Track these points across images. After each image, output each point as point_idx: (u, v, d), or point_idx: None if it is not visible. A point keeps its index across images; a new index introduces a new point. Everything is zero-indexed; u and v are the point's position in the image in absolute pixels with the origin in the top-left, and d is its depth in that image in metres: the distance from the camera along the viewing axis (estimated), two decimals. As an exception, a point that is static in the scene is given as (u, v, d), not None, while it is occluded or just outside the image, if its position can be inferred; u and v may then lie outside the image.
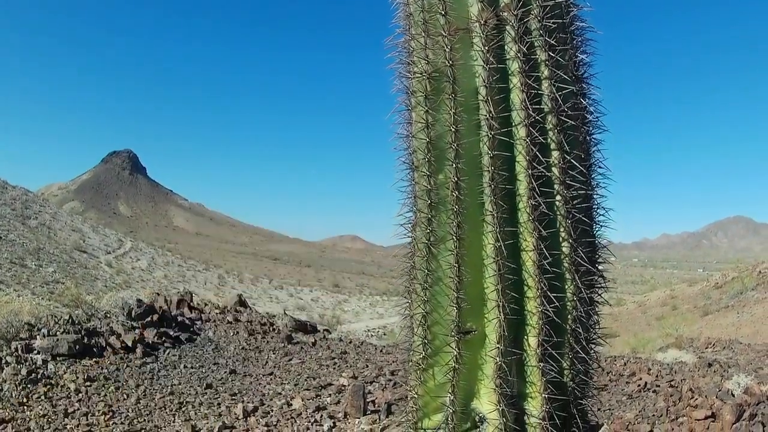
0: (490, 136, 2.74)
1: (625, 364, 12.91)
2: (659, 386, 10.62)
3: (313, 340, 13.92)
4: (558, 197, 2.79)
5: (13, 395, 8.46)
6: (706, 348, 19.15)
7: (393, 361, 11.85)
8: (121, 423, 8.20)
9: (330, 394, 9.58)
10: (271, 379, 10.57)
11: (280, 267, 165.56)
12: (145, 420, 8.39)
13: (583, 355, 2.95)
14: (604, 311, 3.21)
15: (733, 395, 8.42)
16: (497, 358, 2.82)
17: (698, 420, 8.02)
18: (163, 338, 11.84)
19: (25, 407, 8.23)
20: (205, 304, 15.89)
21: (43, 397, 8.59)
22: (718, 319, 35.87)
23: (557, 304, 2.80)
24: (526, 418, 2.95)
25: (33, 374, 9.02)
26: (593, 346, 3.09)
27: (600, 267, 3.06)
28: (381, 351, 13.48)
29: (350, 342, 14.64)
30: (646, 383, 10.76)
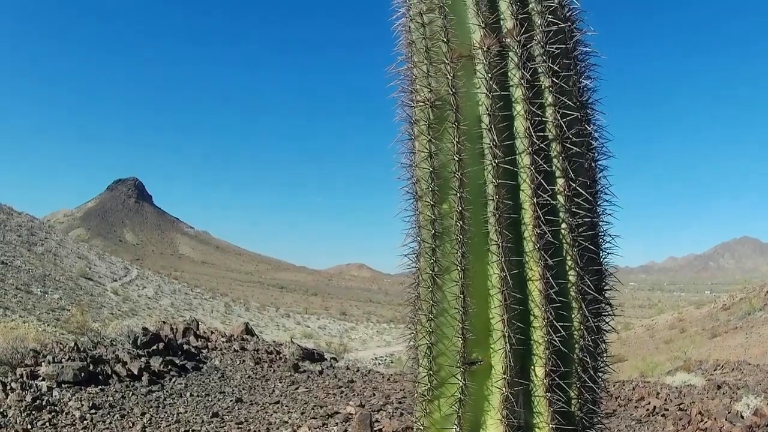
0: (494, 164, 2.73)
1: (633, 388, 12.85)
2: (668, 410, 10.56)
3: (320, 369, 13.88)
4: (564, 225, 2.77)
5: (18, 422, 8.43)
6: (715, 370, 19.08)
7: (400, 390, 11.80)
8: (127, 451, 8.17)
9: (337, 423, 9.53)
10: (277, 408, 10.52)
11: (286, 295, 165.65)
12: (150, 449, 8.36)
13: (591, 384, 2.92)
14: (612, 336, 3.18)
15: (743, 417, 8.37)
16: (504, 389, 2.79)
17: (707, 443, 7.97)
18: (169, 366, 11.81)
19: (30, 434, 8.20)
20: (212, 333, 15.87)
21: (47, 424, 8.56)
22: (726, 340, 35.78)
23: (564, 333, 2.77)
24: (533, 449, 2.91)
25: (38, 401, 8.99)
26: (601, 374, 3.05)
27: (607, 295, 3.03)
28: (388, 379, 13.42)
29: (357, 370, 14.60)
30: (654, 407, 10.70)
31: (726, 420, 8.23)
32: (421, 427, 3.01)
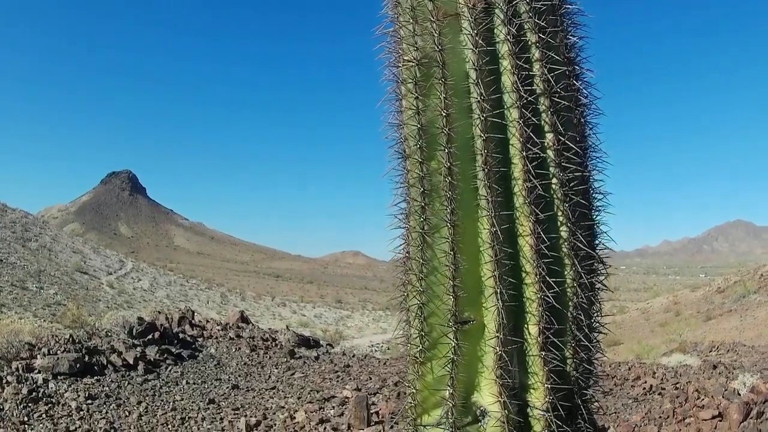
0: (483, 118, 2.69)
1: (629, 368, 12.86)
2: (664, 389, 10.56)
3: (315, 354, 13.88)
4: (554, 180, 2.73)
5: (15, 414, 8.40)
6: (710, 351, 19.13)
7: (396, 373, 11.79)
8: (123, 439, 8.15)
9: (333, 407, 9.52)
10: (273, 393, 10.51)
11: (282, 284, 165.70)
12: (146, 436, 8.33)
13: (586, 342, 2.88)
14: (607, 319, 3.14)
15: (740, 394, 8.37)
16: (497, 348, 2.75)
17: (705, 420, 7.96)
18: (165, 355, 11.78)
19: (27, 426, 8.17)
20: (207, 321, 15.86)
21: (44, 416, 8.53)
22: (721, 323, 35.88)
23: (557, 289, 2.73)
24: (529, 410, 2.87)
25: (34, 393, 8.97)
26: (596, 333, 3.02)
27: (600, 252, 2.99)
28: (384, 364, 13.42)
29: (353, 356, 14.60)
30: (651, 386, 10.70)
31: (723, 397, 8.23)
32: (414, 391, 2.97)
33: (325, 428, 8.62)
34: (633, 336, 37.86)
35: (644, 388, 10.69)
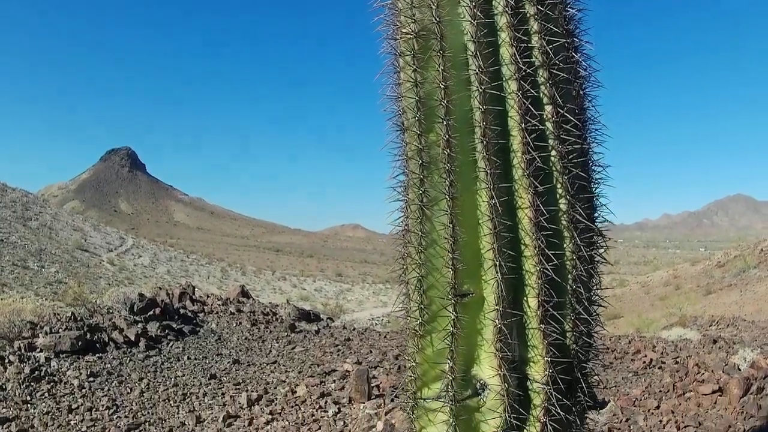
0: (481, 90, 2.67)
1: (629, 342, 12.90)
2: (665, 363, 10.59)
3: (316, 329, 13.91)
4: (553, 152, 2.72)
5: (17, 393, 8.43)
6: (710, 326, 19.15)
7: (397, 347, 11.82)
8: (125, 417, 8.18)
9: (334, 380, 9.55)
10: (274, 368, 10.54)
11: (282, 258, 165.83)
12: (149, 413, 8.36)
13: (585, 315, 2.88)
14: (607, 292, 3.13)
15: (740, 369, 8.38)
16: (496, 321, 2.74)
17: (705, 395, 7.98)
18: (166, 331, 11.82)
19: (29, 405, 8.20)
20: (208, 297, 15.88)
21: (46, 395, 8.56)
22: (721, 297, 35.96)
23: (556, 262, 2.73)
24: (528, 383, 2.88)
25: (36, 372, 8.99)
26: (595, 306, 3.01)
27: (599, 225, 2.98)
28: (385, 337, 13.46)
29: (354, 329, 14.64)
30: (651, 360, 10.73)
31: (723, 372, 8.24)
32: (414, 364, 2.97)
33: (326, 402, 8.64)
34: (633, 309, 37.96)
35: (644, 362, 10.72)
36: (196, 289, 16.16)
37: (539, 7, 2.73)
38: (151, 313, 12.46)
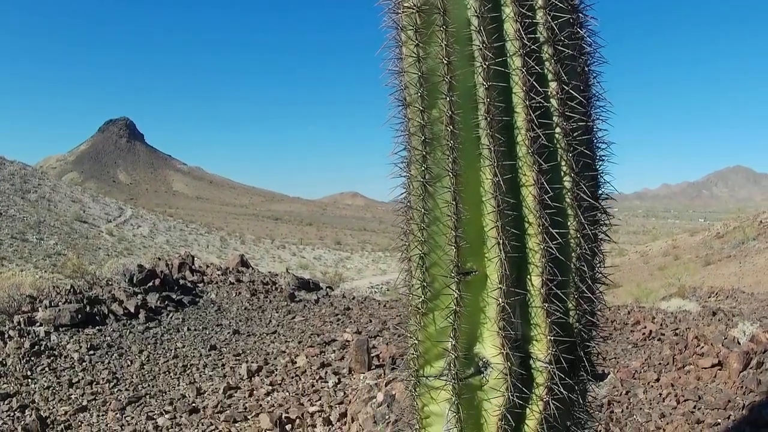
0: (485, 66, 2.62)
1: (629, 312, 12.92)
2: (664, 335, 10.61)
3: (315, 298, 13.93)
4: (558, 129, 2.68)
5: (17, 369, 8.46)
6: (710, 297, 19.17)
7: (397, 316, 11.85)
8: (126, 389, 8.22)
9: (334, 350, 9.58)
10: (274, 338, 10.57)
11: (281, 226, 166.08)
12: (149, 385, 8.39)
13: (589, 294, 2.86)
14: (606, 261, 3.11)
15: (739, 343, 8.39)
16: (500, 299, 2.72)
17: (705, 368, 8.00)
18: (166, 302, 11.84)
19: (30, 380, 8.24)
20: (207, 266, 15.89)
21: (47, 369, 8.59)
22: (720, 268, 36.06)
23: (560, 240, 2.70)
24: (531, 362, 2.86)
25: (36, 346, 9.02)
26: (599, 285, 2.99)
27: (603, 203, 2.96)
28: (384, 306, 13.48)
29: (353, 298, 14.65)
30: (651, 332, 10.75)
31: (723, 345, 8.25)
32: (416, 342, 2.95)
33: (326, 372, 8.67)
34: (632, 279, 38.04)
35: (644, 334, 10.74)
36: (195, 259, 16.18)
37: (544, -19, 2.68)
38: (151, 284, 12.47)
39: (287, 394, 8.06)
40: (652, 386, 7.80)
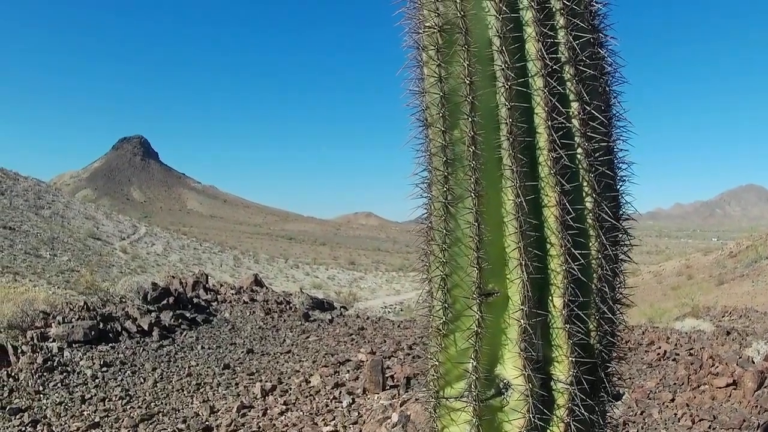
0: (507, 86, 2.62)
1: (643, 333, 12.86)
2: (678, 354, 10.56)
3: (330, 317, 13.91)
4: (579, 149, 2.68)
5: (30, 384, 8.45)
6: (723, 316, 19.10)
7: (411, 336, 11.83)
8: (138, 407, 8.18)
9: (348, 371, 9.54)
10: (288, 357, 10.54)
11: (295, 246, 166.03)
12: (162, 403, 8.37)
13: (610, 315, 2.85)
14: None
15: (754, 362, 8.35)
16: (521, 321, 2.71)
17: (720, 388, 7.95)
18: (180, 320, 11.84)
19: (42, 395, 8.22)
20: (221, 285, 15.90)
21: (59, 385, 8.57)
22: (733, 287, 35.91)
23: (582, 261, 2.69)
24: (552, 383, 2.85)
25: (49, 362, 9.01)
26: (619, 306, 2.98)
27: (624, 223, 2.95)
28: (398, 326, 13.46)
29: (367, 318, 14.65)
30: (665, 352, 10.70)
31: (737, 365, 8.21)
32: (437, 363, 2.94)
33: (340, 392, 8.64)
34: (645, 299, 37.89)
35: (658, 354, 10.69)
36: (209, 278, 16.20)
37: (565, 1, 2.68)
38: (165, 302, 12.48)
39: (301, 413, 8.03)
40: (667, 406, 7.75)
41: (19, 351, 9.25)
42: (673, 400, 7.96)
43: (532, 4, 2.68)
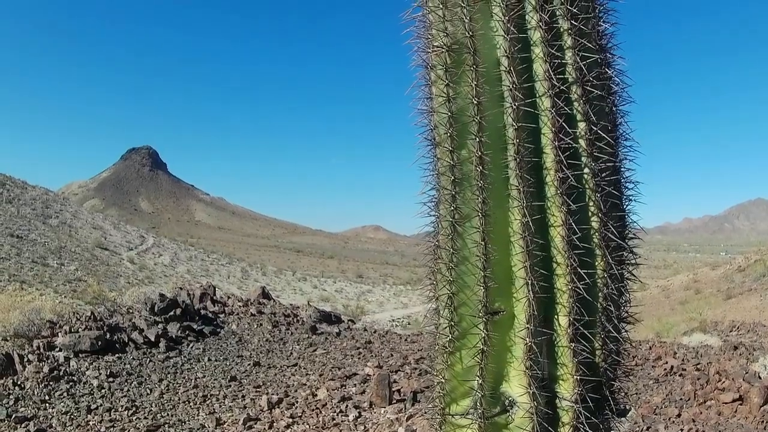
0: (515, 107, 2.65)
1: (650, 348, 12.82)
2: (685, 370, 10.52)
3: (337, 331, 13.90)
4: (586, 170, 2.70)
5: (36, 393, 8.46)
6: (731, 331, 19.02)
7: (418, 350, 11.82)
8: (145, 418, 8.19)
9: (355, 384, 9.54)
10: (295, 370, 10.54)
11: (303, 259, 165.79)
12: (168, 414, 8.37)
13: (615, 334, 2.86)
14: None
15: (760, 377, 8.34)
16: (527, 339, 2.73)
17: (726, 403, 7.95)
18: (187, 332, 11.84)
19: (48, 404, 8.23)
20: (228, 297, 15.90)
21: (65, 394, 8.58)
22: (741, 302, 35.70)
23: (588, 281, 2.71)
24: (557, 401, 2.86)
25: (55, 371, 9.02)
26: (624, 325, 3.00)
27: (630, 243, 2.96)
28: (405, 340, 13.44)
29: (375, 332, 14.63)
30: (672, 367, 10.66)
31: (744, 380, 8.20)
32: (443, 380, 2.96)
33: (346, 406, 8.64)
34: (653, 313, 37.72)
35: (665, 369, 10.66)
36: (216, 290, 16.20)
37: (573, 21, 2.70)
38: (172, 313, 12.49)
39: (307, 426, 8.03)
40: (674, 422, 7.74)
41: (26, 360, 9.27)
42: (679, 415, 7.94)
43: (540, 24, 2.70)
